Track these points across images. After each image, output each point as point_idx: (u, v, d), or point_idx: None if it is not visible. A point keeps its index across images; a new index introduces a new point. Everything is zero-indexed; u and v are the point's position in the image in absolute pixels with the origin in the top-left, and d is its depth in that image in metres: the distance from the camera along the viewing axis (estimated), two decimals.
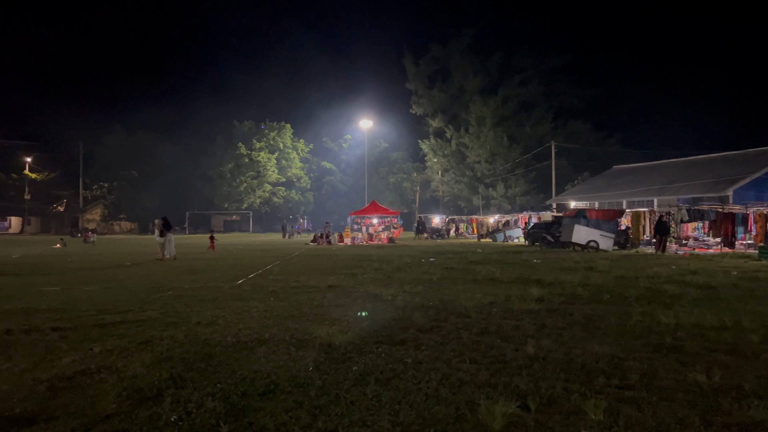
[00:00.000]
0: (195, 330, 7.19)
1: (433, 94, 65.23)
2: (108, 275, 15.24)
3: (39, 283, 13.14)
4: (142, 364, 5.52)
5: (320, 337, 6.66)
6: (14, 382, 5.00)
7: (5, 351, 6.10)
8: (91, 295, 10.88)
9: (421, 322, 7.56)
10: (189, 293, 11.02)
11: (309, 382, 4.92)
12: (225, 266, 17.80)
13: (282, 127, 72.75)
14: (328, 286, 11.86)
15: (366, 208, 39.78)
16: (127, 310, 8.91)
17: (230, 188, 69.57)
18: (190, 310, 8.77)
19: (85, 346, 6.33)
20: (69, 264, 19.36)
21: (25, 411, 4.27)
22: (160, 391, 4.66)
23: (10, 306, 9.43)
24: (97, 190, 74.90)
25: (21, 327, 7.42)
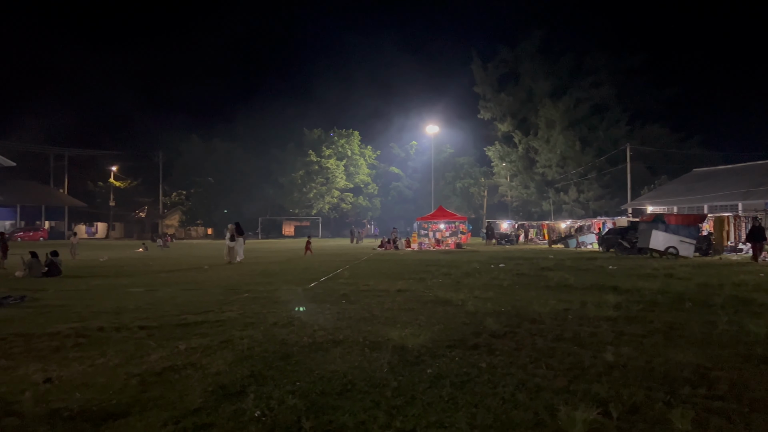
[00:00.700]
0: (272, 330, 7.41)
1: (501, 98, 64.33)
2: (187, 277, 15.92)
3: (125, 285, 13.91)
4: (224, 361, 5.75)
5: (393, 339, 6.72)
6: (109, 375, 5.32)
7: (100, 347, 6.50)
8: (173, 296, 11.41)
9: (493, 328, 7.48)
10: (264, 295, 11.36)
11: (384, 382, 4.98)
12: (297, 270, 18.23)
13: (350, 134, 73.82)
14: (398, 291, 11.93)
15: (433, 213, 39.70)
16: (207, 310, 9.29)
17: (300, 194, 71.15)
18: (267, 312, 9.05)
19: (170, 343, 6.65)
20: (151, 267, 20.36)
21: (120, 403, 4.54)
22: (242, 388, 4.85)
23: (101, 306, 10.03)
24: (175, 197, 78.45)
25: (112, 325, 7.88)
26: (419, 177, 73.26)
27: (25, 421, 4.14)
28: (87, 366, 5.64)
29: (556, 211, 59.62)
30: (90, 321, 8.26)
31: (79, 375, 5.33)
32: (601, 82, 59.76)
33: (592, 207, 56.75)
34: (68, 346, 6.54)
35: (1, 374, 5.35)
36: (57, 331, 7.43)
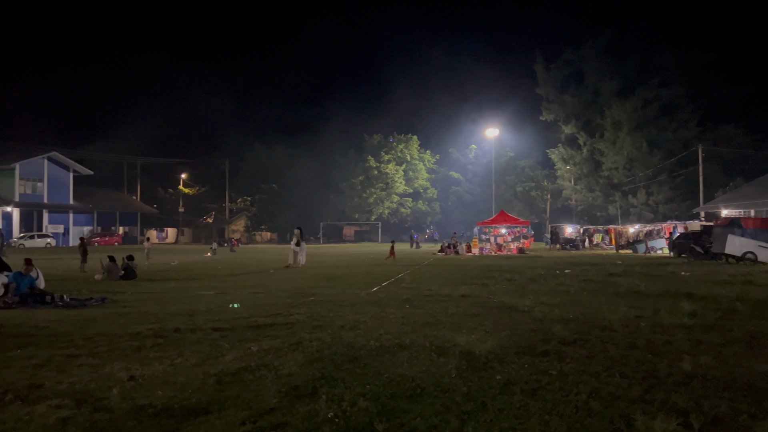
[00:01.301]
0: (339, 333, 7.54)
1: (565, 99, 62.84)
2: (254, 281, 16.38)
3: (196, 288, 14.44)
4: (295, 363, 5.89)
5: (460, 345, 6.70)
6: (188, 375, 5.56)
7: (177, 347, 6.79)
8: (242, 299, 11.76)
9: (562, 335, 7.34)
10: (329, 299, 11.56)
11: (454, 387, 4.98)
12: (359, 274, 18.42)
13: (409, 139, 73.95)
14: (461, 296, 11.88)
15: (494, 217, 39.22)
16: (275, 313, 9.53)
17: (360, 199, 71.80)
18: (333, 315, 9.20)
19: (243, 345, 6.87)
20: (219, 271, 21.05)
21: (199, 401, 4.73)
22: (314, 389, 4.96)
23: (176, 308, 10.46)
24: (241, 203, 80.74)
25: (187, 326, 8.21)
26: (479, 181, 72.49)
27: (114, 416, 4.38)
28: (167, 365, 5.91)
29: (622, 215, 57.69)
30: (166, 322, 8.64)
31: (160, 374, 5.59)
32: (670, 81, 57.47)
33: (662, 210, 54.59)
34: (148, 346, 6.86)
35: (89, 372, 5.68)
36: (137, 331, 7.81)
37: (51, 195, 58.07)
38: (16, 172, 55.13)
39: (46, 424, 4.19)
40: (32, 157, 57.07)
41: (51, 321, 8.98)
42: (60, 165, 59.44)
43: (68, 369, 5.79)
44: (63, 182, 59.51)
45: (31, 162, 56.61)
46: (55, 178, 58.62)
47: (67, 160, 60.02)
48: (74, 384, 5.22)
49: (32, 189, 56.91)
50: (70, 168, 60.43)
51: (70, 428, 4.12)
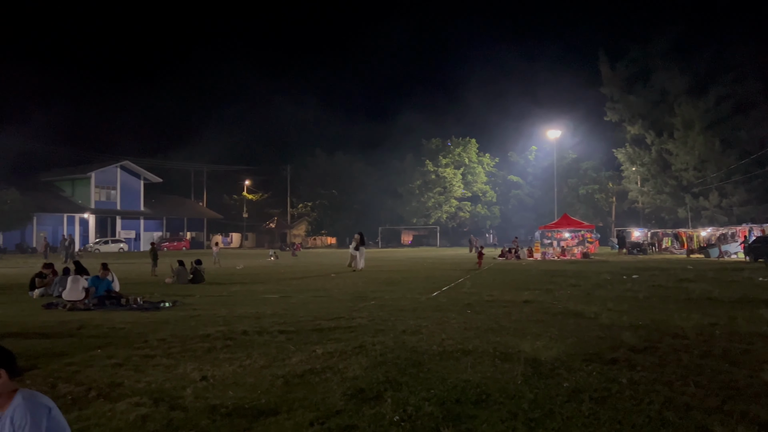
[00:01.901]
0: (402, 337, 7.57)
1: (631, 99, 60.74)
2: (316, 285, 16.65)
3: (261, 291, 14.82)
4: (360, 366, 5.97)
5: (524, 351, 6.61)
6: (256, 376, 5.72)
7: (245, 349, 7.00)
8: (305, 303, 12.00)
9: (631, 342, 7.12)
10: (390, 303, 11.62)
11: (520, 394, 4.92)
12: (419, 279, 18.42)
13: (467, 143, 73.39)
14: (524, 302, 11.70)
15: (557, 221, 38.36)
16: (338, 317, 9.67)
17: (418, 204, 71.73)
18: (394, 319, 9.25)
19: (308, 348, 7.01)
20: (283, 274, 21.51)
21: (269, 402, 4.87)
22: (379, 393, 5.01)
23: (243, 310, 10.77)
24: (302, 208, 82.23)
25: (254, 329, 8.44)
26: (540, 184, 71.06)
27: (189, 414, 4.57)
28: (236, 366, 6.10)
29: (693, 218, 55.24)
30: (234, 325, 8.91)
31: (230, 374, 5.78)
32: (745, 77, 54.61)
33: (737, 213, 51.90)
34: (218, 348, 7.10)
35: (164, 371, 5.94)
36: (207, 333, 8.10)
37: (123, 202, 60.89)
38: (92, 181, 58.16)
39: (127, 420, 4.41)
40: (106, 166, 60.09)
41: (127, 322, 9.43)
42: (132, 173, 62.26)
43: (145, 368, 6.07)
44: (134, 190, 62.30)
45: (106, 171, 59.59)
46: (127, 185, 61.46)
47: (139, 169, 62.81)
48: (151, 383, 5.47)
49: (106, 196, 59.83)
50: (141, 176, 63.20)
51: (149, 425, 4.32)
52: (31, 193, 51.24)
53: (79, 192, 58.89)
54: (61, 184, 60.61)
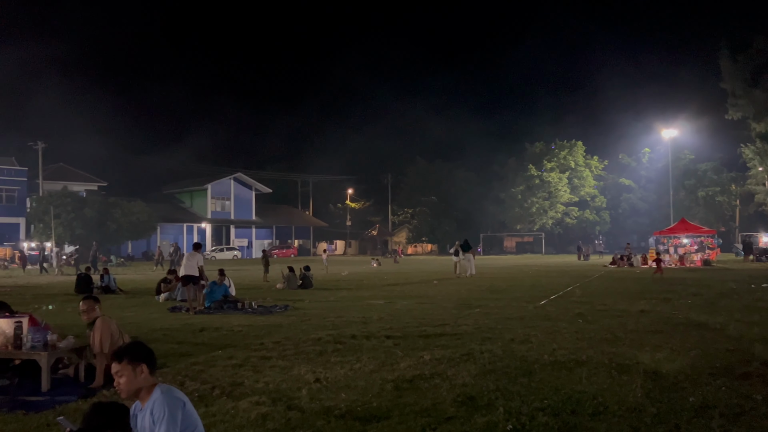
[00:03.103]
0: (510, 346, 7.43)
1: (756, 94, 55.90)
2: (419, 291, 16.73)
3: (366, 297, 15.11)
4: (468, 374, 5.92)
5: (644, 363, 6.27)
6: (367, 380, 5.84)
7: (355, 353, 7.17)
8: (410, 309, 12.09)
9: (765, 356, 6.54)
10: (495, 311, 11.44)
11: (641, 407, 4.67)
12: (524, 287, 17.98)
13: (573, 146, 70.77)
14: (640, 311, 11.09)
15: (674, 226, 36.02)
16: (443, 323, 9.66)
17: (522, 210, 70.04)
18: (501, 327, 9.10)
19: (415, 353, 7.05)
20: (385, 281, 21.79)
21: (380, 406, 4.95)
22: (490, 401, 4.94)
23: (350, 315, 11.04)
24: (402, 216, 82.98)
25: (362, 333, 8.63)
26: (654, 187, 67.00)
27: (305, 415, 4.75)
28: (347, 370, 6.26)
29: None
30: (343, 329, 9.15)
31: (341, 377, 5.94)
32: None
33: None
34: (329, 351, 7.32)
35: (280, 373, 6.21)
36: (318, 337, 8.37)
37: (236, 211, 64.48)
38: (209, 192, 62.20)
39: (248, 418, 4.65)
40: (221, 178, 63.98)
41: (243, 325, 9.96)
42: (244, 184, 65.82)
43: (262, 369, 6.38)
44: (246, 200, 65.81)
45: (220, 182, 63.47)
46: (239, 196, 65.07)
47: (250, 180, 66.31)
48: (269, 383, 5.74)
49: (221, 207, 63.65)
50: (252, 187, 66.66)
51: (269, 424, 4.54)
52: (155, 205, 55.55)
53: (197, 203, 63.16)
54: (181, 196, 65.30)
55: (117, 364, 3.26)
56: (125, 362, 3.24)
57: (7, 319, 6.11)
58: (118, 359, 3.28)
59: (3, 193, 48.37)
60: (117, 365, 3.26)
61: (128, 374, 3.23)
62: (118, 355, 3.30)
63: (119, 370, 3.25)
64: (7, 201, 48.51)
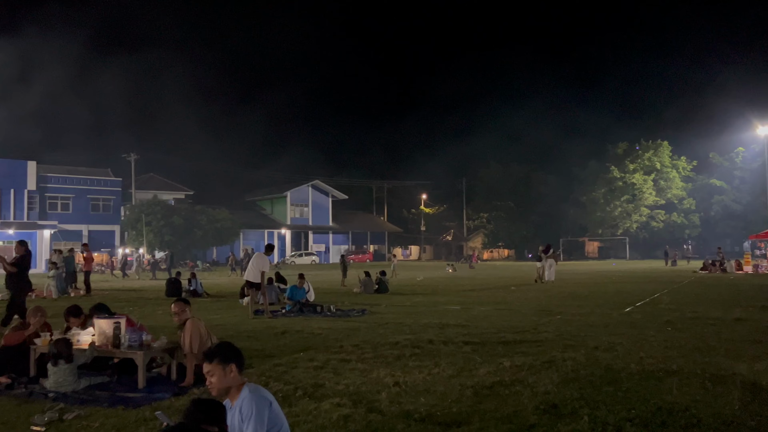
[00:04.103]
0: (594, 354, 7.19)
1: None
2: (497, 297, 16.47)
3: (442, 302, 15.05)
4: (550, 381, 5.78)
5: (741, 374, 5.90)
6: (445, 385, 5.82)
7: (433, 358, 7.16)
8: (487, 315, 11.93)
9: None
10: (577, 318, 11.10)
11: (738, 421, 4.41)
12: (607, 293, 17.34)
13: (658, 146, 67.53)
14: (736, 320, 10.46)
15: None
16: (523, 330, 9.48)
17: (604, 213, 67.51)
18: (584, 335, 8.82)
19: (495, 360, 6.96)
20: (462, 286, 21.61)
21: (459, 411, 4.92)
22: (574, 410, 4.80)
23: (427, 320, 11.03)
24: (477, 221, 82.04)
25: (439, 339, 8.60)
26: (748, 188, 62.78)
27: (385, 418, 4.79)
28: (426, 374, 6.27)
29: None
30: (420, 334, 9.16)
31: (420, 382, 5.96)
32: None
33: None
34: (407, 356, 7.35)
35: (360, 375, 6.30)
36: (396, 341, 8.43)
37: (314, 218, 66.04)
38: (288, 199, 64.19)
39: (330, 419, 4.75)
40: (299, 185, 65.77)
41: (323, 328, 10.17)
42: (321, 191, 67.35)
43: (342, 372, 6.49)
44: (323, 206, 67.30)
45: (299, 190, 65.28)
46: (317, 202, 66.67)
47: (327, 187, 67.78)
48: (349, 386, 5.83)
49: (300, 213, 65.43)
50: (329, 194, 68.10)
51: (351, 425, 4.61)
52: (238, 212, 57.83)
53: (277, 210, 65.27)
54: (262, 203, 67.72)
55: (208, 364, 3.43)
56: (216, 362, 3.40)
57: (107, 320, 6.54)
58: (209, 359, 3.44)
59: (100, 202, 51.75)
60: (208, 365, 3.43)
61: (219, 374, 3.39)
62: (210, 355, 3.46)
63: (210, 370, 3.41)
64: (103, 210, 51.86)
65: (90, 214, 50.80)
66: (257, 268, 12.63)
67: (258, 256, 12.99)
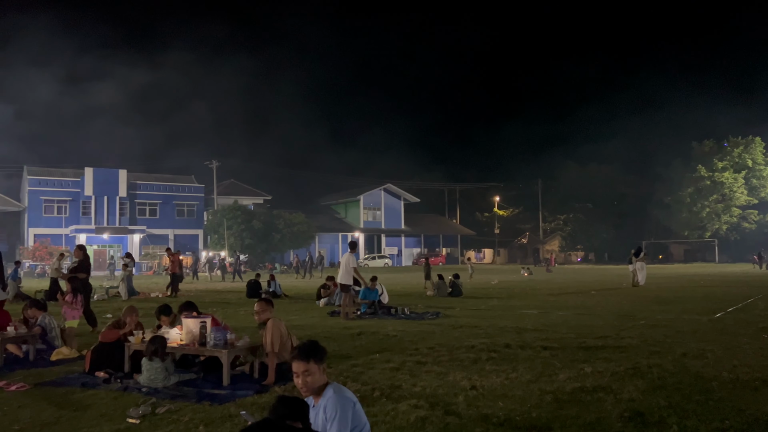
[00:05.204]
0: (682, 361, 6.86)
1: None
2: (576, 302, 15.98)
3: (518, 306, 14.76)
4: (635, 388, 5.56)
5: None
6: (524, 390, 5.72)
7: (510, 363, 7.05)
8: (566, 320, 11.60)
9: None
10: (663, 323, 10.62)
11: None
12: (695, 298, 16.47)
13: (750, 142, 63.48)
14: None
15: None
16: (604, 335, 9.15)
17: (690, 214, 64.12)
18: (671, 341, 8.42)
19: (575, 365, 6.76)
20: (538, 290, 21.11)
21: (539, 417, 4.82)
22: (662, 419, 4.60)
23: (503, 324, 10.87)
24: (554, 223, 79.95)
25: (516, 343, 8.45)
26: None
27: (463, 421, 4.76)
28: (503, 379, 6.17)
29: None
30: (496, 338, 9.04)
31: (497, 386, 5.88)
32: None
33: None
34: (483, 359, 7.27)
35: (436, 378, 6.29)
36: (471, 344, 8.35)
37: (387, 221, 66.53)
38: (360, 203, 65.09)
39: (408, 420, 4.77)
40: (372, 189, 66.47)
41: (398, 330, 10.23)
42: (393, 195, 67.78)
43: (419, 374, 6.50)
44: (396, 209, 67.70)
45: (371, 193, 66.02)
46: (389, 206, 67.15)
47: (399, 190, 68.13)
48: (425, 388, 5.84)
49: (372, 216, 66.12)
50: (401, 197, 68.43)
51: (429, 427, 4.62)
52: (313, 216, 59.17)
53: (351, 213, 66.34)
54: (336, 207, 68.98)
55: (304, 364, 3.45)
56: (313, 362, 3.46)
57: (194, 319, 6.86)
58: (305, 359, 3.46)
59: (185, 207, 54.35)
60: (304, 364, 3.45)
61: (315, 373, 3.46)
62: (305, 354, 3.48)
63: (307, 369, 3.45)
64: (188, 215, 54.43)
65: (175, 219, 53.46)
66: (349, 269, 12.66)
67: (347, 258, 12.94)
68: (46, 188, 49.33)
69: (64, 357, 7.81)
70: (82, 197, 49.81)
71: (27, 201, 49.28)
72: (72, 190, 49.79)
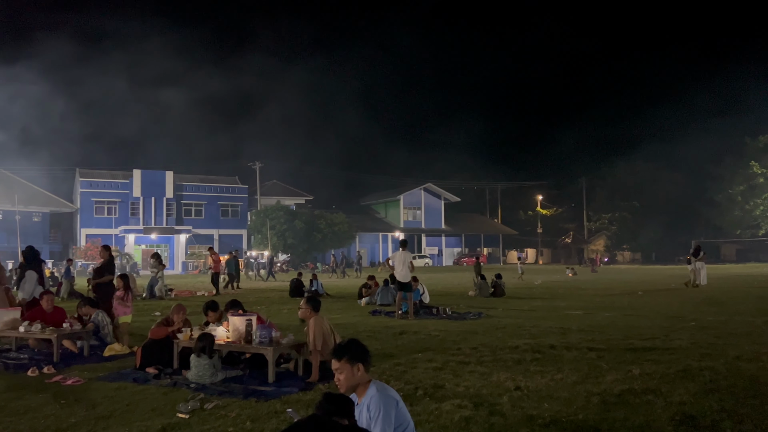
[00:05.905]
0: (736, 364, 6.63)
1: None
2: (623, 303, 15.62)
3: (563, 307, 14.52)
4: (686, 391, 5.41)
5: None
6: (570, 391, 5.63)
7: (555, 364, 6.95)
8: (613, 321, 11.36)
9: None
10: (714, 325, 10.28)
11: None
12: (749, 299, 15.89)
13: None
14: None
15: None
16: (652, 337, 8.93)
17: (742, 213, 61.80)
18: (723, 343, 8.15)
19: (622, 367, 6.62)
20: (584, 291, 20.71)
21: (586, 419, 4.74)
22: (715, 422, 4.47)
23: (546, 325, 10.72)
24: (599, 222, 78.26)
25: (561, 344, 8.32)
26: None
27: (507, 421, 4.73)
28: (548, 380, 6.09)
29: None
30: (540, 338, 8.92)
31: (543, 387, 5.80)
32: None
33: None
34: (527, 360, 7.19)
35: (480, 378, 6.26)
36: (515, 345, 8.27)
37: (427, 221, 66.33)
38: (401, 203, 65.01)
39: (452, 419, 4.76)
40: (412, 189, 66.38)
41: (440, 330, 10.20)
42: (433, 194, 67.52)
43: (462, 374, 6.48)
44: (436, 209, 67.40)
45: (411, 193, 65.89)
46: (429, 205, 66.91)
47: (439, 190, 67.82)
48: (469, 387, 5.81)
49: (412, 216, 66.01)
50: (441, 196, 68.10)
51: (473, 427, 4.60)
52: (354, 216, 59.49)
53: (391, 213, 66.40)
54: (377, 207, 69.15)
55: (337, 362, 3.55)
56: (344, 360, 3.52)
57: (240, 317, 7.01)
58: (337, 357, 3.55)
59: (229, 208, 55.42)
60: (337, 362, 3.54)
61: (347, 371, 3.51)
62: (338, 353, 3.58)
63: (339, 368, 3.53)
64: (232, 215, 55.48)
65: (220, 219, 54.56)
66: (405, 267, 12.50)
67: (403, 255, 12.70)
68: (97, 189, 51.05)
69: (116, 353, 8.09)
70: (130, 198, 51.33)
71: (79, 202, 51.10)
72: (121, 192, 51.38)
